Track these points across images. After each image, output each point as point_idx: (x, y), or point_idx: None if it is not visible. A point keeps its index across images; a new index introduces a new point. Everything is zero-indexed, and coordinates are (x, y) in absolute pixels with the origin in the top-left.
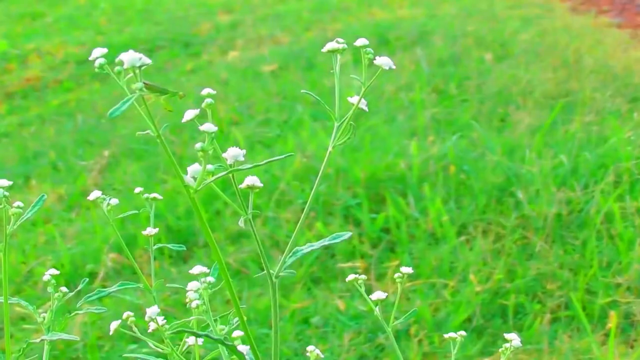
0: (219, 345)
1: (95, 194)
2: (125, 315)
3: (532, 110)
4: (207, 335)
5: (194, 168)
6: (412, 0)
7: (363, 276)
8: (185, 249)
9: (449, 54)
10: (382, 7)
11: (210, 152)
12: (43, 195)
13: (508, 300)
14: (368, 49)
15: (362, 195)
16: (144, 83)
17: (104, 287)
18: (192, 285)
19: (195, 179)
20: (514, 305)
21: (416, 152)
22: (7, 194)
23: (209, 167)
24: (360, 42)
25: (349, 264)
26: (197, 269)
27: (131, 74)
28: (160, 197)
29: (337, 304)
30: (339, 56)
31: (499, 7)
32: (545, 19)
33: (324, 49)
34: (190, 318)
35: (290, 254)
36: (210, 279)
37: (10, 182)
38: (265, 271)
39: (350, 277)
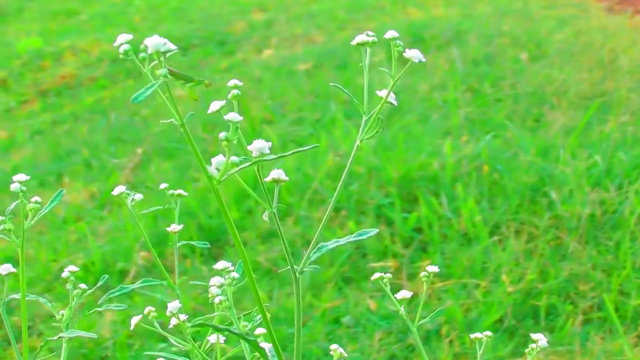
0: (241, 341)
1: (119, 189)
2: (146, 311)
3: (567, 110)
4: (228, 330)
5: (218, 159)
6: None
7: (389, 275)
8: (209, 246)
9: (483, 53)
10: (417, 6)
11: (235, 141)
12: (62, 190)
13: (540, 301)
14: (398, 42)
15: (394, 194)
16: (169, 69)
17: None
18: (215, 280)
19: (219, 170)
20: (546, 306)
21: (449, 152)
22: (24, 188)
23: (234, 158)
24: (390, 34)
25: (381, 264)
26: (220, 264)
27: (156, 61)
28: (185, 193)
29: (368, 304)
30: (368, 49)
31: (535, 7)
32: (580, 19)
33: (354, 42)
34: (213, 314)
35: (315, 250)
36: (235, 274)
37: (28, 177)
38: (289, 267)
39: (376, 275)
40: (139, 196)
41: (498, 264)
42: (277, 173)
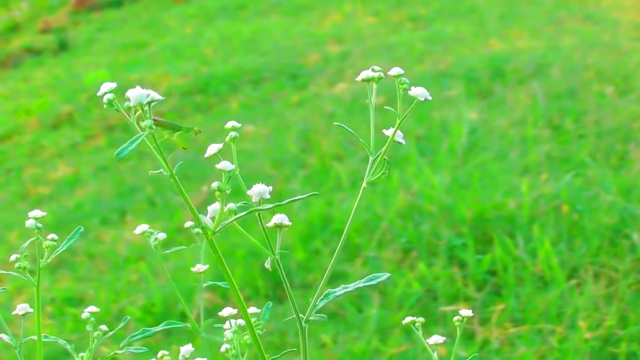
0: None
1: (141, 228)
2: (160, 354)
3: None
4: None
5: (213, 207)
6: (532, 31)
7: (421, 319)
8: (227, 286)
9: (566, 87)
10: (500, 38)
11: (228, 191)
12: (79, 228)
13: (619, 348)
14: (403, 79)
15: (467, 235)
16: (154, 119)
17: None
18: (227, 325)
19: (214, 219)
20: (625, 354)
21: (527, 191)
22: (40, 225)
23: (231, 205)
24: (395, 71)
25: (452, 307)
26: (226, 311)
27: (140, 111)
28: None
29: (438, 349)
30: (374, 85)
31: (623, 39)
32: None
33: (358, 78)
34: None
35: (322, 297)
36: (240, 321)
37: (44, 213)
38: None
39: (407, 319)
40: (162, 235)
41: (575, 309)
42: (279, 218)
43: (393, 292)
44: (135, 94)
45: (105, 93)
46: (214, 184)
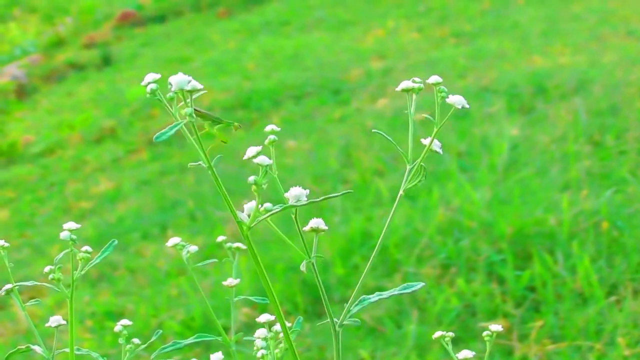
0: None
1: (173, 241)
2: None
3: None
4: None
5: (249, 205)
6: (574, 47)
7: (451, 334)
8: (267, 301)
9: (608, 103)
10: (542, 54)
11: (265, 186)
12: (114, 241)
13: None
14: (442, 87)
15: (507, 250)
16: (195, 109)
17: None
18: (260, 333)
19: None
20: None
21: (567, 207)
22: (74, 237)
23: (268, 205)
24: (433, 79)
25: (491, 323)
26: (263, 318)
27: (182, 102)
28: (243, 247)
29: None
30: (414, 96)
31: None
32: None
33: (398, 88)
34: None
35: (356, 302)
36: (277, 327)
37: (78, 225)
38: (329, 320)
39: (437, 334)
40: (193, 248)
41: (614, 326)
42: (316, 222)
43: (432, 308)
44: (177, 79)
45: (149, 83)
46: (251, 178)
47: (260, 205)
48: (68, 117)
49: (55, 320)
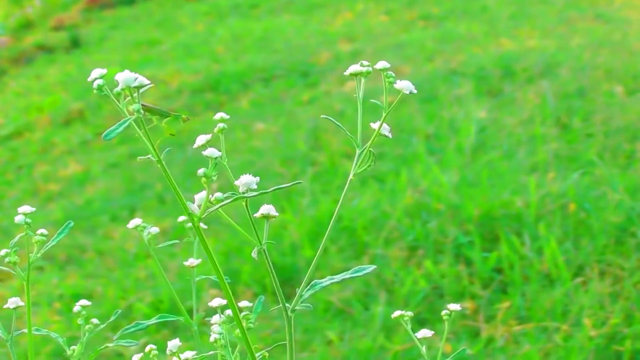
0: None
1: (134, 222)
2: (147, 348)
3: None
4: None
5: (200, 195)
6: (543, 30)
7: (410, 313)
8: (230, 281)
9: (575, 86)
10: (510, 37)
11: (214, 177)
12: (69, 223)
13: (624, 346)
14: (389, 72)
15: (474, 232)
16: (143, 105)
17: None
18: (216, 318)
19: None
20: (630, 352)
21: (534, 189)
22: (29, 220)
23: (218, 194)
24: (381, 65)
25: (458, 305)
26: (215, 302)
27: (129, 97)
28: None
29: (442, 347)
30: (363, 80)
31: (633, 38)
32: None
33: (346, 72)
34: (209, 353)
35: (308, 287)
36: (228, 312)
37: (33, 209)
38: (281, 305)
39: (396, 313)
40: (154, 229)
41: (580, 307)
42: (266, 209)
43: (400, 290)
44: (123, 77)
45: (96, 79)
46: (200, 171)
47: (210, 195)
48: (36, 100)
49: (13, 302)
